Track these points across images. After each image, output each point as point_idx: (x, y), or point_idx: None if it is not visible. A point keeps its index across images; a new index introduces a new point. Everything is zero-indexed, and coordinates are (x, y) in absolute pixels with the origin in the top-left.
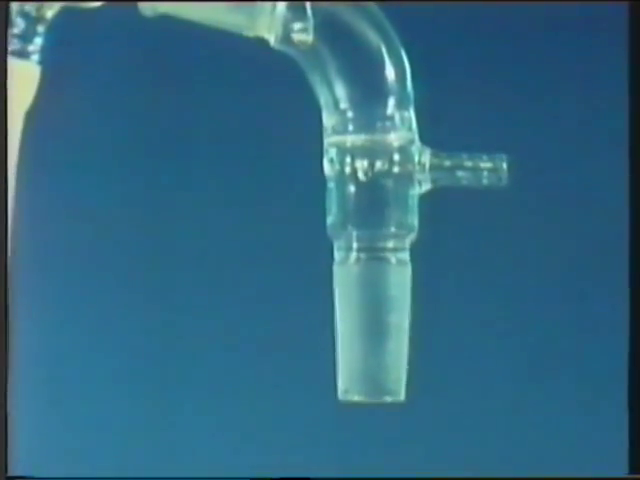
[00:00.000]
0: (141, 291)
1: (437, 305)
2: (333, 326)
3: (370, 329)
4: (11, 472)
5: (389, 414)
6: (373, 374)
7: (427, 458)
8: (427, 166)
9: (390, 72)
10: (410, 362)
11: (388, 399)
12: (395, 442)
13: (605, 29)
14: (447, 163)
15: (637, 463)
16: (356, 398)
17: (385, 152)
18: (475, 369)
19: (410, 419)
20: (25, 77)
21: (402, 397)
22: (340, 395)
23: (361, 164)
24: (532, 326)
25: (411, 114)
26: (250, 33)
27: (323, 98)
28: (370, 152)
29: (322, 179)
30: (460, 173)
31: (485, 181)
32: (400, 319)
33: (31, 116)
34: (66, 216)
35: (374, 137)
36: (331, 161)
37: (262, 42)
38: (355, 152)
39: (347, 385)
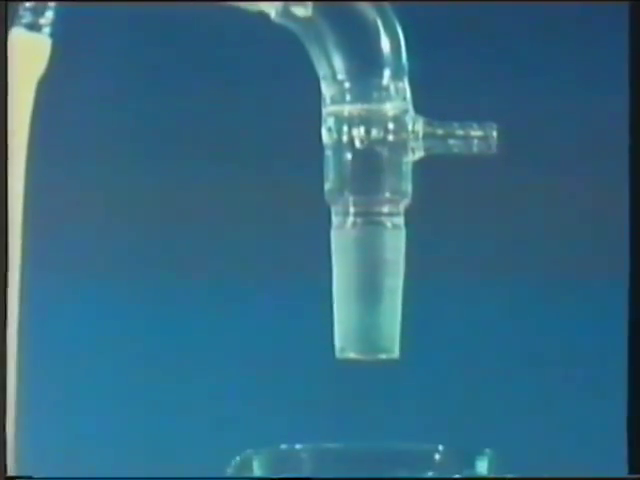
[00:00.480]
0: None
1: (430, 268)
2: (331, 288)
3: (365, 290)
4: (11, 472)
5: (384, 370)
6: (368, 333)
7: (421, 413)
8: (420, 134)
9: (385, 45)
10: (404, 321)
11: (383, 356)
12: (390, 397)
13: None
14: (439, 131)
15: (637, 463)
16: (352, 355)
17: (380, 121)
18: (465, 331)
19: (404, 376)
20: (36, 50)
21: (396, 354)
22: (337, 353)
23: (357, 132)
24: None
25: (405, 85)
26: (252, 7)
27: (322, 70)
28: (366, 121)
29: (320, 147)
30: (452, 141)
31: (475, 149)
32: (394, 281)
33: (41, 89)
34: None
35: (370, 107)
36: (329, 130)
37: (263, 16)
38: (352, 121)
39: (344, 343)
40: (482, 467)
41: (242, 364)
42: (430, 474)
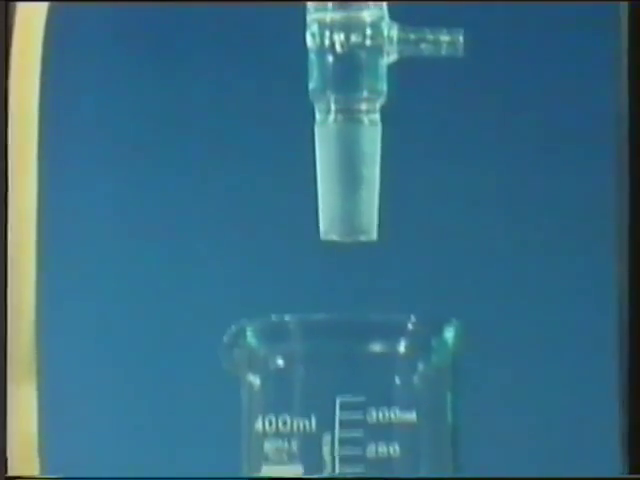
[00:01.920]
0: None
1: (405, 160)
2: (315, 178)
3: (346, 179)
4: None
5: (363, 251)
6: (349, 217)
7: (397, 288)
8: (395, 39)
9: None
10: (381, 208)
11: (362, 238)
12: (369, 275)
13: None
14: (412, 36)
15: (637, 463)
16: (335, 237)
17: (359, 27)
18: (441, 215)
19: (382, 257)
20: (33, 19)
21: (374, 236)
22: (322, 235)
23: (338, 37)
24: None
25: None
26: None
27: None
28: (346, 27)
29: (305, 51)
30: (423, 45)
31: (444, 52)
32: (371, 171)
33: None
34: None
35: (350, 14)
36: (312, 35)
37: None
38: (333, 27)
39: (327, 227)
40: (449, 335)
41: (238, 242)
42: (403, 341)
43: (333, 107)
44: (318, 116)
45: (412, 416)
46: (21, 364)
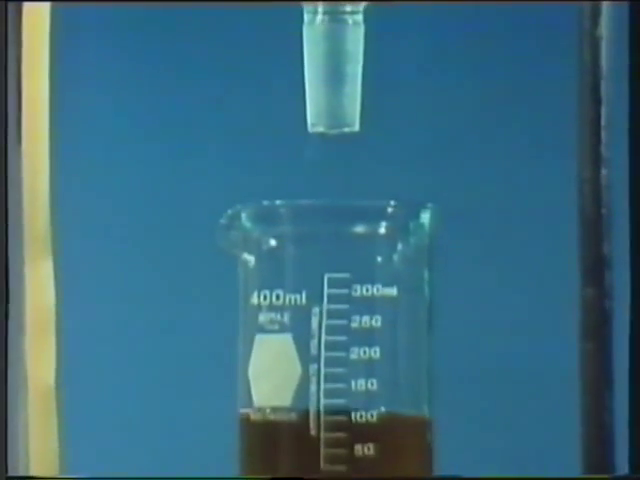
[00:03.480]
0: None
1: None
2: (303, 74)
3: (331, 76)
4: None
5: (347, 142)
6: (334, 111)
7: (378, 176)
8: None
9: None
10: (363, 100)
11: (346, 129)
12: (354, 164)
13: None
14: None
15: (637, 463)
16: (322, 129)
17: None
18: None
19: (364, 148)
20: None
21: (357, 128)
22: (310, 128)
23: None
24: None
25: None
26: None
27: None
28: None
29: None
30: None
31: None
32: (354, 68)
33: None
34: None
35: None
36: None
37: None
38: None
39: (314, 120)
40: (425, 217)
41: (236, 137)
42: (384, 224)
43: (320, 9)
44: (306, 17)
45: (393, 291)
46: (37, 242)
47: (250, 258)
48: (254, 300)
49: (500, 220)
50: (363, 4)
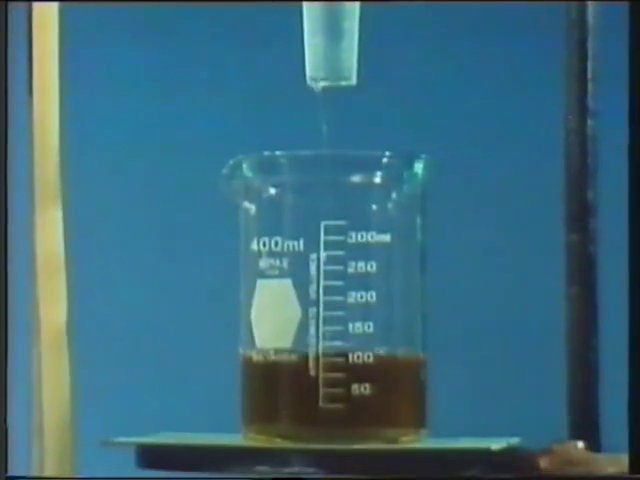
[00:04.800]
0: None
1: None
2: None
3: (330, 29)
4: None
5: (345, 95)
6: (332, 64)
7: (372, 127)
8: None
9: None
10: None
11: (343, 82)
12: (351, 116)
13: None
14: None
15: (637, 463)
16: (320, 82)
17: None
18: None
19: (361, 100)
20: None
21: (354, 81)
22: (308, 81)
23: None
24: None
25: None
26: None
27: None
28: None
29: None
30: None
31: None
32: (352, 24)
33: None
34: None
35: None
36: None
37: None
38: None
39: (313, 73)
40: (419, 167)
41: (238, 95)
42: (379, 173)
43: None
44: None
45: (386, 237)
46: (47, 188)
47: (251, 206)
48: (254, 246)
49: (488, 170)
50: None
